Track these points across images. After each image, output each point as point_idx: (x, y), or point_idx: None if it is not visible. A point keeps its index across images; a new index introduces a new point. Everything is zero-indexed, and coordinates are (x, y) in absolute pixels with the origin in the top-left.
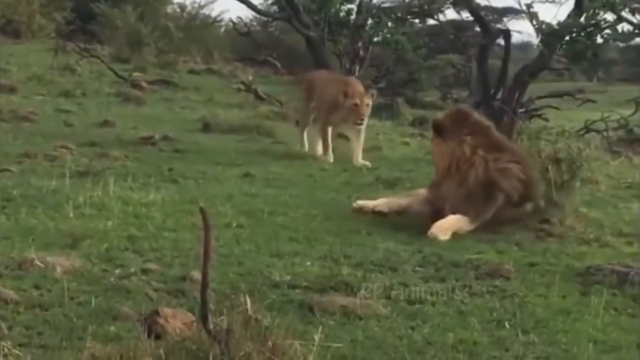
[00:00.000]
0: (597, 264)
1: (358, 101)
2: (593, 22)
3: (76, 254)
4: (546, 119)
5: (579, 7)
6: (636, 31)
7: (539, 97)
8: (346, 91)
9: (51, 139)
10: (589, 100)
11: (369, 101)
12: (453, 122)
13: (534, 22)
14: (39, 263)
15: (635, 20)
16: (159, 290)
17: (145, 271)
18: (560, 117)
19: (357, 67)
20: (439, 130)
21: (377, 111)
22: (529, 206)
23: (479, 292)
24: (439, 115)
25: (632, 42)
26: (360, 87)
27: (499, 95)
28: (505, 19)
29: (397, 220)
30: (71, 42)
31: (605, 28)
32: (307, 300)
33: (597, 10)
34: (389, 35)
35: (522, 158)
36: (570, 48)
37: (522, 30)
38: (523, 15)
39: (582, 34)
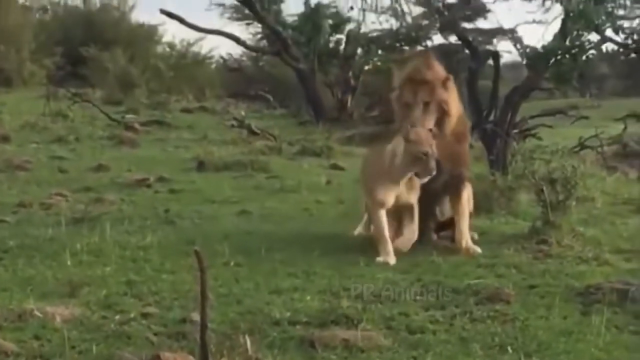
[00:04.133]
0: (596, 283)
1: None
2: (577, 43)
3: (75, 302)
4: (540, 138)
5: (563, 29)
6: (621, 50)
7: (532, 117)
8: None
9: (46, 187)
10: (582, 117)
11: None
12: None
13: (518, 47)
14: (38, 313)
15: (619, 39)
16: (160, 334)
17: (145, 315)
18: (555, 135)
19: (349, 97)
20: None
21: (372, 140)
22: None
23: (479, 317)
24: None
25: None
26: None
27: (491, 117)
28: (495, 40)
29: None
30: (62, 87)
31: (590, 49)
32: (308, 335)
33: (580, 32)
34: (379, 63)
35: None
36: (555, 71)
37: (512, 51)
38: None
39: (567, 56)
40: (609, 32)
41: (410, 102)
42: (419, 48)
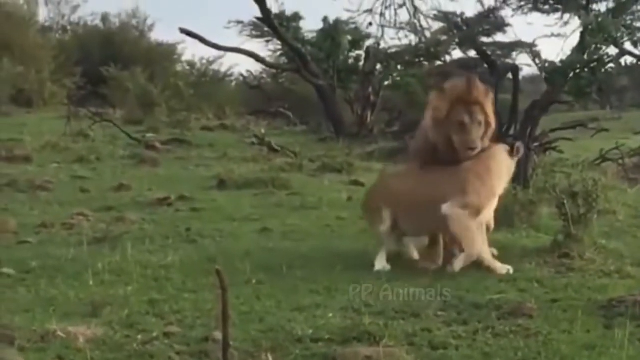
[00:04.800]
0: (619, 296)
1: None
2: (596, 57)
3: (98, 322)
4: (561, 151)
5: (582, 43)
6: (639, 63)
7: (552, 130)
8: None
9: (68, 207)
10: (602, 130)
11: None
12: None
13: (537, 61)
14: (61, 334)
15: (638, 52)
16: (182, 353)
17: (167, 335)
18: (576, 148)
19: (369, 113)
20: None
21: (391, 155)
22: None
23: (502, 332)
24: None
25: None
26: None
27: (511, 132)
28: (514, 54)
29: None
30: (83, 107)
31: (608, 62)
32: (331, 353)
33: (599, 45)
34: (398, 79)
35: None
36: (574, 84)
37: (531, 64)
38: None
39: (586, 69)
40: (627, 45)
41: (466, 121)
42: (438, 63)
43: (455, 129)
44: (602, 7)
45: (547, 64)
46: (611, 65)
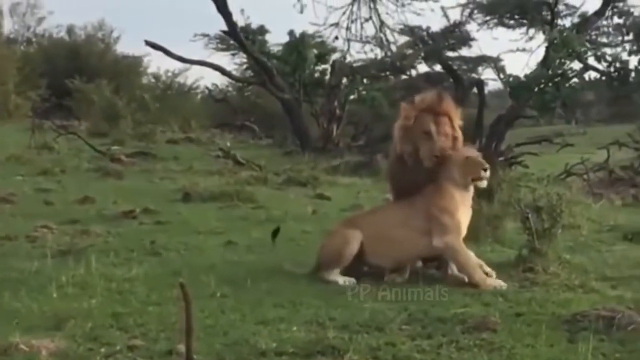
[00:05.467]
0: (583, 310)
1: None
2: (560, 72)
3: (61, 335)
4: (526, 166)
5: (546, 58)
6: (603, 78)
7: (518, 145)
8: None
9: (32, 219)
10: (567, 145)
11: None
12: None
13: (501, 76)
14: (23, 347)
15: (601, 67)
16: None
17: (131, 348)
18: (541, 163)
19: (335, 126)
20: None
21: (357, 169)
22: None
23: (466, 346)
24: None
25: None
26: None
27: (476, 146)
28: (480, 68)
29: (381, 278)
30: (48, 119)
31: (572, 77)
32: None
33: (563, 60)
34: (364, 93)
35: None
36: (538, 99)
37: (497, 78)
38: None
39: (550, 84)
40: (591, 60)
41: (432, 130)
42: (403, 77)
43: (421, 137)
44: (567, 22)
45: (511, 79)
46: (575, 80)
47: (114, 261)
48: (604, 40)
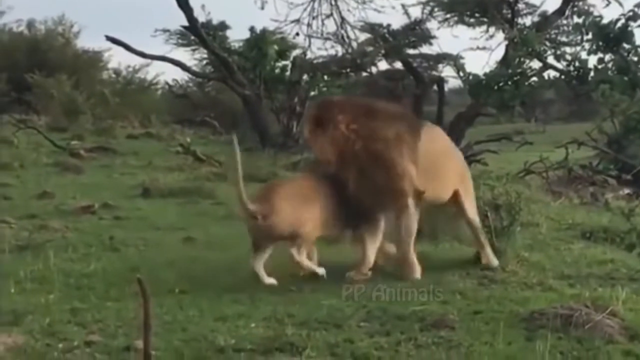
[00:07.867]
0: (540, 308)
1: None
2: (519, 70)
3: (19, 330)
4: (485, 164)
5: (506, 56)
6: (562, 77)
7: (477, 142)
8: None
9: None
10: (526, 143)
11: None
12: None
13: (461, 74)
14: None
15: (560, 66)
16: None
17: (88, 343)
18: (500, 161)
19: (295, 123)
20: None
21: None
22: None
23: (424, 344)
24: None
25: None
26: None
27: None
28: (440, 65)
29: (341, 276)
30: (7, 114)
31: (531, 76)
32: None
33: (522, 59)
34: (325, 89)
35: None
36: (498, 97)
37: (457, 76)
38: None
39: (509, 83)
40: (551, 59)
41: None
42: (364, 74)
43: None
44: (527, 21)
45: (470, 77)
46: (534, 78)
47: (72, 256)
48: (564, 39)
